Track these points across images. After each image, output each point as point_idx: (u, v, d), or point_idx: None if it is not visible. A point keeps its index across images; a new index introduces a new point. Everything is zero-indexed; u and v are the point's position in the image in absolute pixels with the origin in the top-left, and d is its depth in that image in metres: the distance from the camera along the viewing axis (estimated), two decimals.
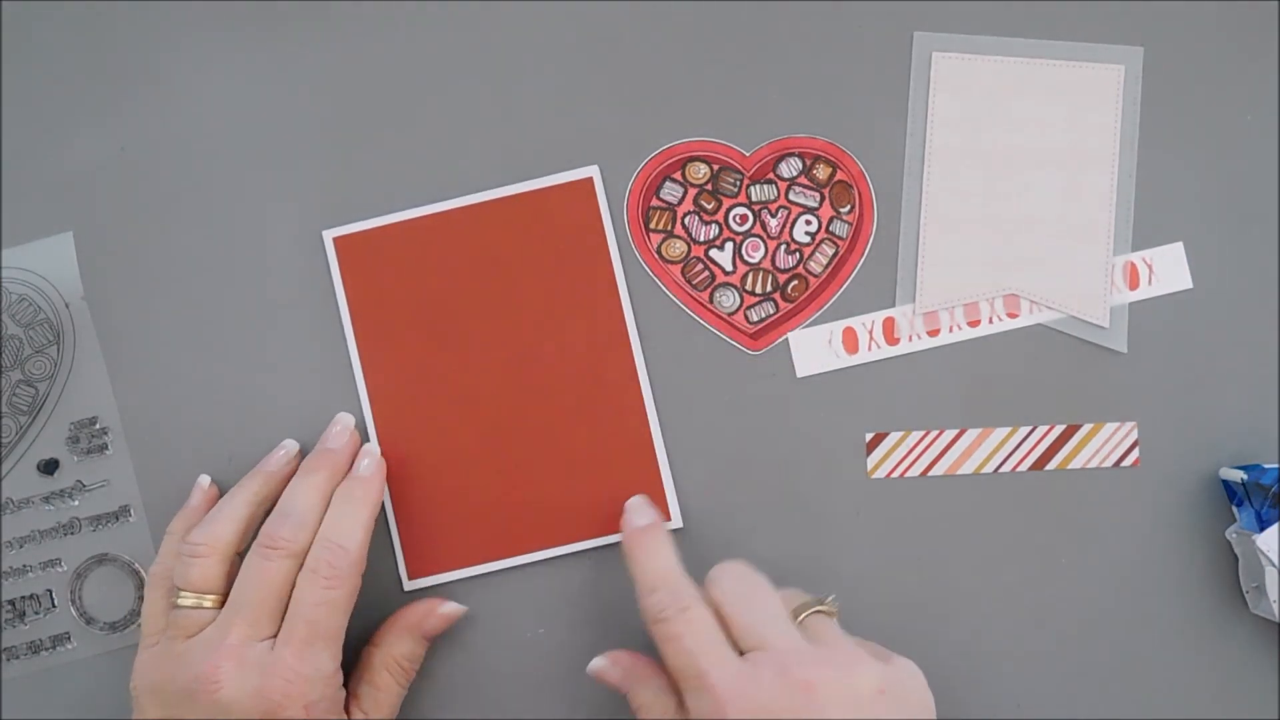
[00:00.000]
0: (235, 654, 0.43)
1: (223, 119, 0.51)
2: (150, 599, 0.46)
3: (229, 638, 0.43)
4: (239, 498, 0.47)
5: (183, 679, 0.43)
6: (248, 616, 0.44)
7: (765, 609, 0.42)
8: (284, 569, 0.44)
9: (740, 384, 0.50)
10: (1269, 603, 0.46)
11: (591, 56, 0.51)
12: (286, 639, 0.44)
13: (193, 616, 0.44)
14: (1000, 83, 0.50)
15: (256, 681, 0.43)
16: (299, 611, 0.44)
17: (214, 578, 0.45)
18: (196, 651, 0.44)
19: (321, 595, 0.44)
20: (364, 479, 0.47)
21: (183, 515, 0.48)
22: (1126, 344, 0.49)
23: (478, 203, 0.50)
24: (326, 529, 0.45)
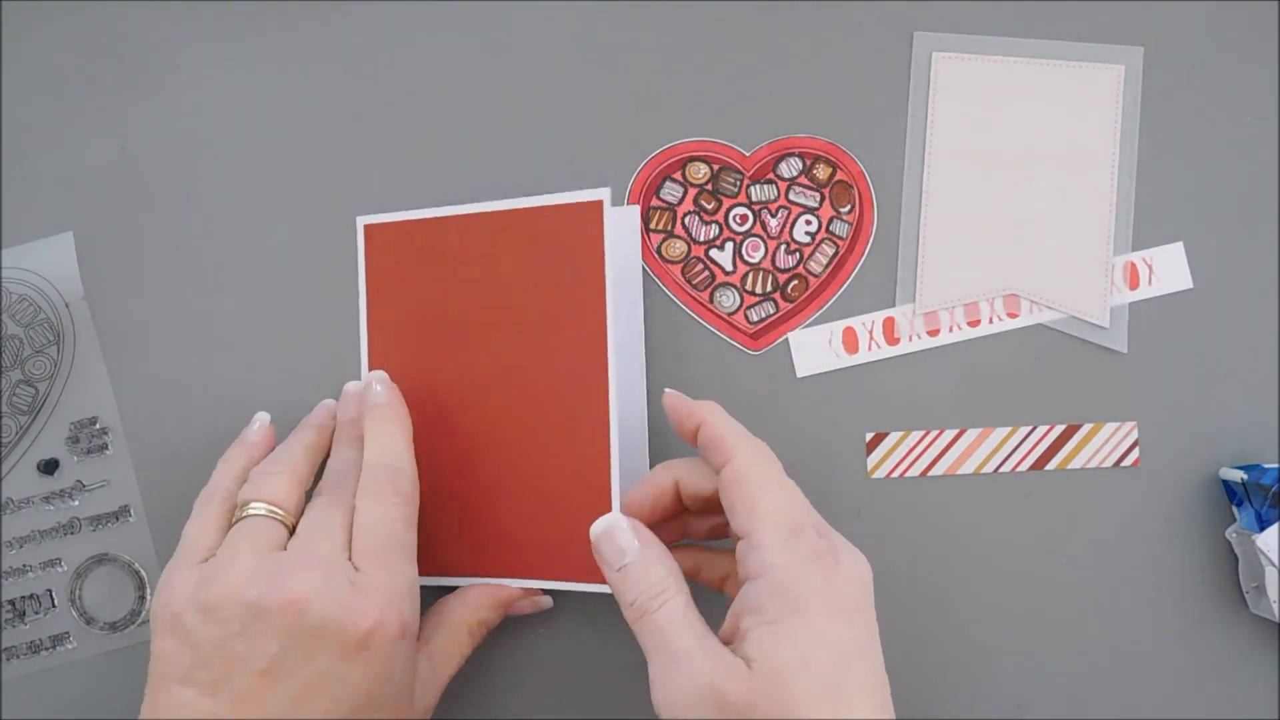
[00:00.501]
0: (323, 566, 0.40)
1: (222, 119, 0.51)
2: (202, 518, 0.43)
3: (316, 555, 0.41)
4: (298, 443, 0.46)
5: (255, 593, 0.40)
6: (330, 536, 0.42)
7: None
8: (349, 513, 0.43)
9: (740, 384, 0.50)
10: (1269, 603, 0.46)
11: (591, 57, 0.51)
12: (368, 559, 0.41)
13: (265, 527, 0.42)
14: (1000, 83, 0.50)
15: (345, 604, 0.40)
16: (372, 530, 0.42)
17: (292, 495, 0.43)
18: (275, 566, 0.40)
19: (392, 511, 0.43)
20: (384, 405, 0.46)
21: (241, 445, 0.47)
22: (1126, 344, 0.49)
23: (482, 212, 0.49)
24: (373, 458, 0.44)
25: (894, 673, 0.45)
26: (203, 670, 0.39)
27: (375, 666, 0.40)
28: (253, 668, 0.39)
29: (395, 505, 0.43)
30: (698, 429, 0.42)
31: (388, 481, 0.44)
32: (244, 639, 0.39)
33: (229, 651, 0.39)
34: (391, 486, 0.44)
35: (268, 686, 0.39)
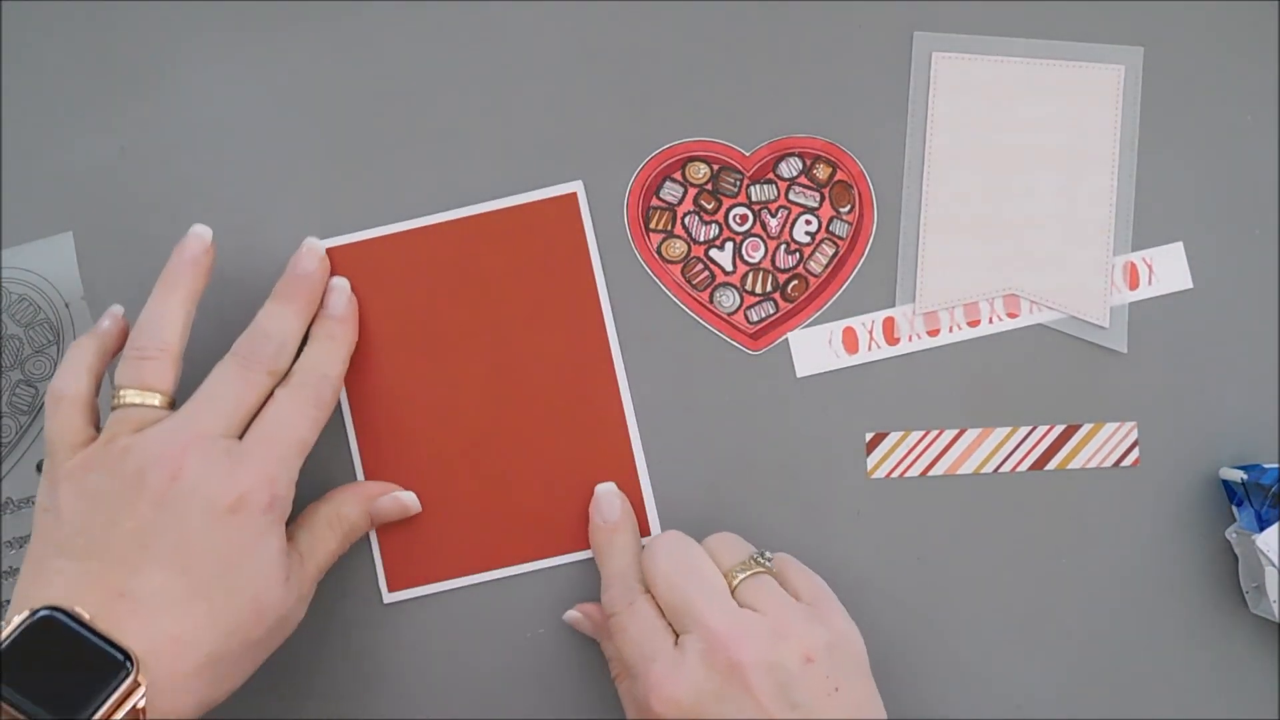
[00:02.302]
0: (203, 440, 0.42)
1: (223, 120, 0.51)
2: (62, 416, 0.43)
3: (198, 426, 0.42)
4: (173, 296, 0.45)
5: (129, 467, 0.41)
6: (219, 413, 0.43)
7: (697, 585, 0.43)
8: (263, 385, 0.44)
9: (740, 384, 0.50)
10: (1269, 603, 0.46)
11: (591, 56, 0.51)
12: (262, 439, 0.43)
13: (141, 413, 0.43)
14: (1000, 83, 0.50)
15: (225, 469, 0.41)
16: (281, 420, 0.44)
17: (168, 378, 0.44)
18: (154, 435, 0.42)
19: (305, 410, 0.44)
20: (342, 318, 0.48)
21: (94, 335, 0.46)
22: (1126, 344, 0.49)
23: (461, 218, 0.50)
24: (311, 359, 0.46)
25: (894, 673, 0.45)
26: (79, 538, 0.41)
27: (242, 533, 0.42)
28: (124, 529, 0.41)
29: (310, 404, 0.45)
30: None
31: (313, 389, 0.45)
32: (119, 505, 0.41)
33: (104, 518, 0.41)
34: (315, 394, 0.45)
35: (137, 547, 0.41)
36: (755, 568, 0.44)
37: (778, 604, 0.43)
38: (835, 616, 0.43)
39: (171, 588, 0.40)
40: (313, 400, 0.45)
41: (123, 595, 0.40)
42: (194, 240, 0.46)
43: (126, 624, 0.39)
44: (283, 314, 0.46)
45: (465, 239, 0.50)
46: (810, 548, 0.48)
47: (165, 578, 0.40)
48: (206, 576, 0.41)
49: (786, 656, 0.41)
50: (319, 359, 0.46)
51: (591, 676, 0.49)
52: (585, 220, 0.50)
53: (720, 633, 0.41)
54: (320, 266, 0.48)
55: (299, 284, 0.47)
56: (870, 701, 0.42)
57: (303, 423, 0.44)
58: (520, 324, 0.49)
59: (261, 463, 0.42)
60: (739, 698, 0.40)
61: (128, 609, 0.40)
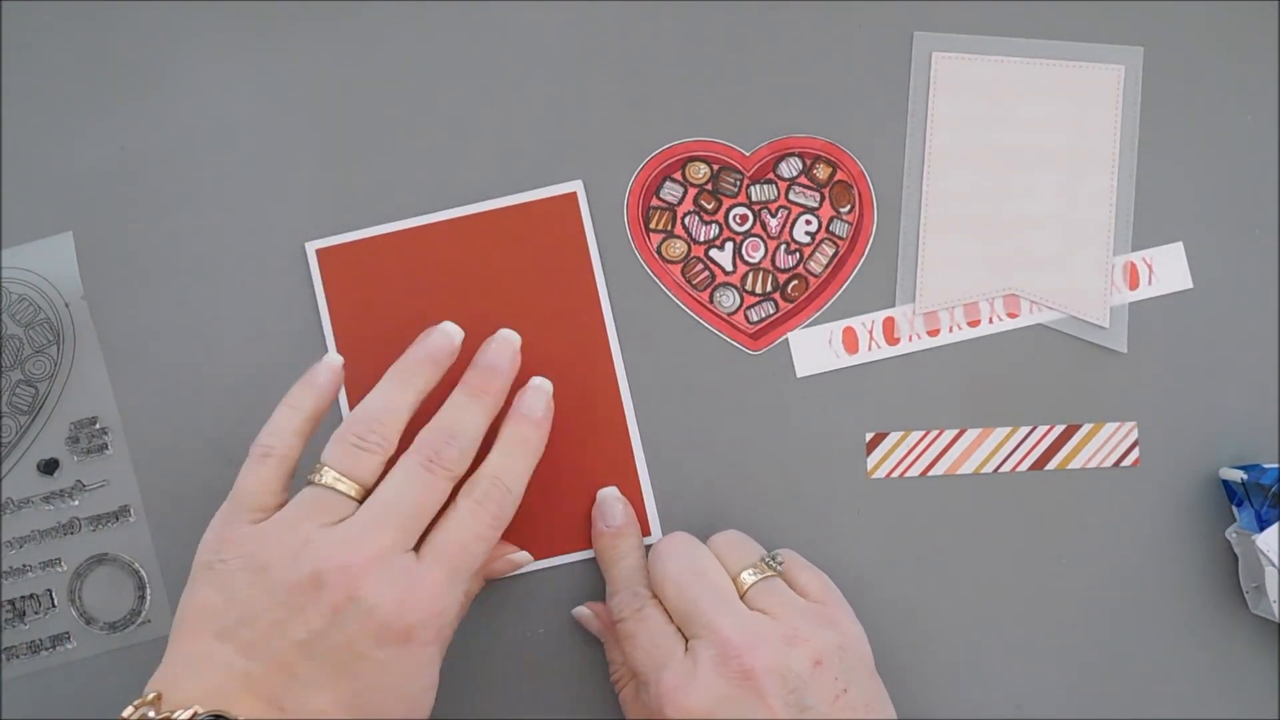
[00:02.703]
0: (384, 557, 0.40)
1: (223, 119, 0.51)
2: (260, 473, 0.42)
3: (381, 540, 0.40)
4: (408, 392, 0.44)
5: (306, 567, 0.40)
6: (402, 524, 0.41)
7: (706, 590, 0.43)
8: (444, 490, 0.42)
9: (740, 384, 0.50)
10: (1269, 603, 0.46)
11: (591, 56, 0.51)
12: (438, 561, 0.41)
13: (333, 501, 0.42)
14: (1000, 83, 0.50)
15: (400, 594, 0.40)
16: (457, 539, 0.42)
17: (375, 473, 0.42)
18: (339, 541, 0.40)
19: (485, 531, 0.42)
20: (537, 422, 0.45)
21: (308, 391, 0.44)
22: (1126, 344, 0.49)
23: (461, 217, 0.50)
24: (497, 468, 0.43)
25: (894, 673, 0.45)
26: (244, 629, 0.40)
27: (408, 662, 0.40)
28: (293, 637, 0.39)
29: (489, 525, 0.43)
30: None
31: (497, 501, 0.43)
32: (291, 608, 0.40)
33: (274, 618, 0.40)
34: (497, 507, 0.43)
35: (302, 658, 0.39)
36: (766, 571, 0.44)
37: (787, 608, 0.43)
38: (843, 618, 0.44)
39: (329, 706, 0.40)
40: (493, 518, 0.43)
41: (281, 709, 0.39)
42: (442, 338, 0.45)
43: None
44: (470, 410, 0.44)
45: (465, 239, 0.50)
46: (810, 548, 0.48)
47: (325, 699, 0.40)
48: (364, 701, 0.40)
49: (797, 661, 0.41)
50: (507, 469, 0.44)
51: (591, 677, 0.49)
52: (585, 220, 0.50)
53: (732, 640, 0.41)
54: (514, 359, 0.46)
55: (491, 378, 0.45)
56: (878, 701, 0.43)
57: (480, 545, 0.42)
58: (520, 324, 0.49)
59: (436, 586, 0.41)
60: (751, 703, 0.40)
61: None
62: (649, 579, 0.45)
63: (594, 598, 0.49)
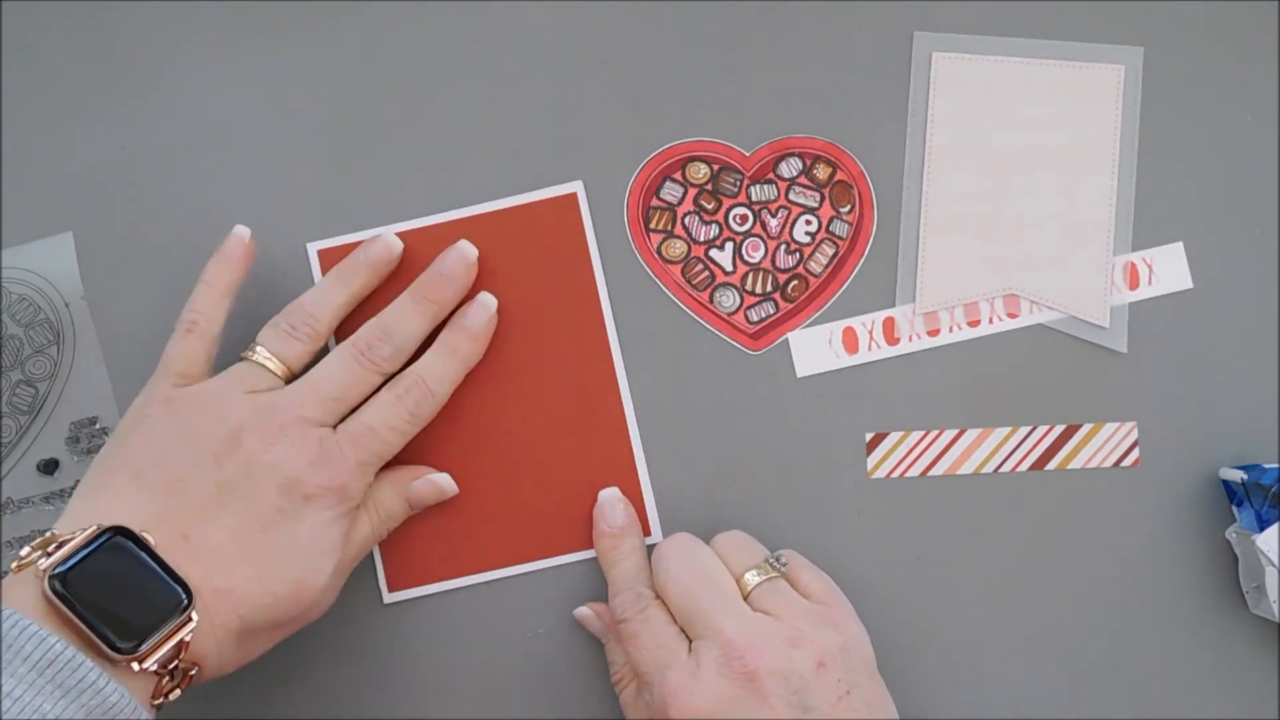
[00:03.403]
0: (301, 425, 0.43)
1: (223, 119, 0.51)
2: (190, 344, 0.45)
3: (302, 410, 0.44)
4: (342, 291, 0.47)
5: (234, 420, 0.43)
6: (324, 403, 0.44)
7: (710, 591, 0.43)
8: (370, 382, 0.45)
9: (740, 384, 0.50)
10: (1269, 603, 0.46)
11: (591, 56, 0.51)
12: (353, 440, 0.44)
13: (260, 377, 0.45)
14: (1000, 83, 0.50)
15: (310, 460, 0.43)
16: (372, 424, 0.45)
17: (302, 359, 0.46)
18: (261, 404, 0.43)
19: (399, 423, 0.45)
20: (472, 334, 0.47)
21: (222, 265, 0.47)
22: (1126, 344, 0.49)
23: (461, 218, 0.50)
24: (423, 369, 0.46)
25: (894, 673, 0.45)
26: (159, 470, 0.42)
27: (307, 521, 0.43)
28: (206, 480, 0.42)
29: (406, 419, 0.45)
30: None
31: (416, 398, 0.46)
32: (209, 457, 0.42)
33: (191, 463, 0.42)
34: (415, 403, 0.46)
35: (212, 499, 0.42)
36: (769, 572, 0.44)
37: (791, 609, 0.43)
38: (846, 619, 0.44)
39: (231, 544, 0.42)
40: (410, 413, 0.45)
41: (186, 538, 0.41)
42: (382, 247, 0.48)
43: (182, 563, 0.40)
44: (411, 315, 0.46)
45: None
46: (810, 548, 0.48)
47: (228, 533, 0.42)
48: (264, 548, 0.42)
49: (800, 663, 0.41)
50: (432, 372, 0.46)
51: (591, 677, 0.49)
52: (585, 220, 0.50)
53: (736, 641, 0.41)
54: (467, 272, 0.48)
55: (440, 285, 0.47)
56: (880, 702, 0.43)
57: (393, 435, 0.45)
58: (520, 324, 0.49)
59: (345, 464, 0.44)
60: (754, 704, 0.40)
61: (186, 550, 0.41)
62: (652, 579, 0.45)
63: (594, 598, 0.49)
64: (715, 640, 0.42)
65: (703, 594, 0.43)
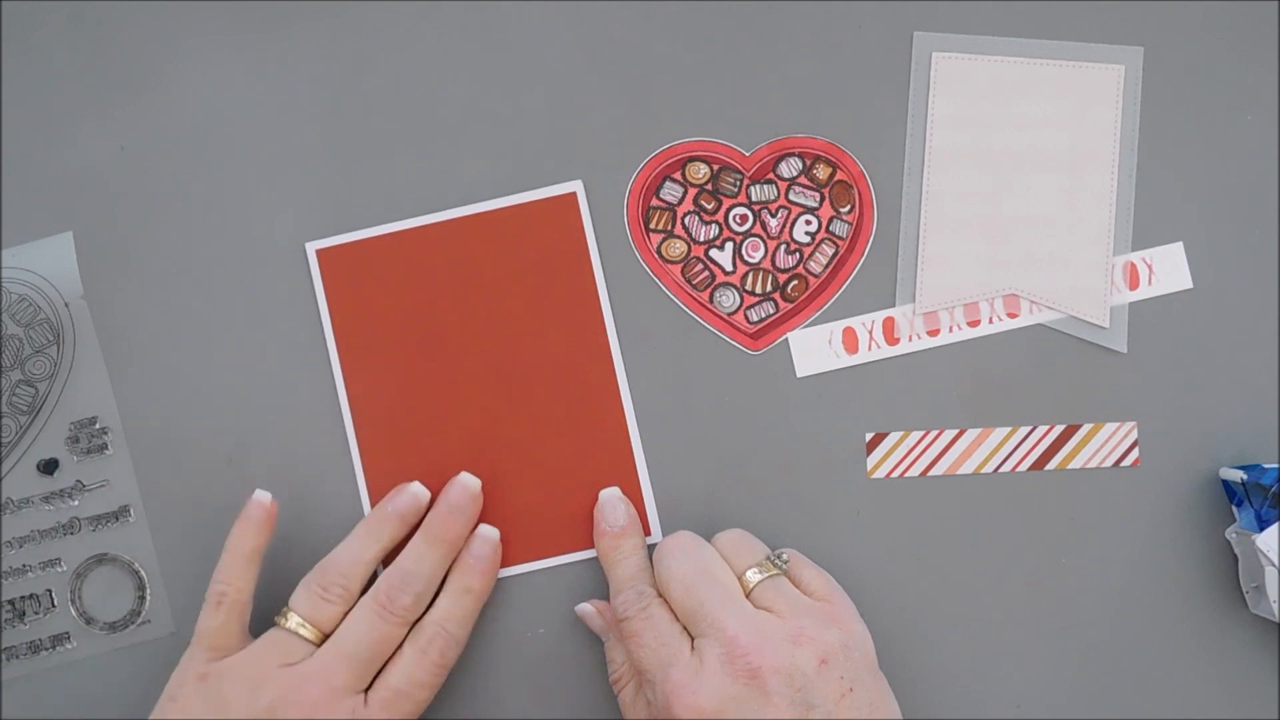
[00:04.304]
0: (334, 698, 0.44)
1: (223, 119, 0.51)
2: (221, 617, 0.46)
3: (335, 681, 0.44)
4: (372, 542, 0.47)
5: (267, 698, 0.43)
6: (354, 669, 0.44)
7: (712, 589, 0.43)
8: (397, 634, 0.46)
9: (740, 384, 0.50)
10: (1269, 603, 0.46)
11: (591, 56, 0.51)
12: (385, 707, 0.45)
13: (294, 645, 0.45)
14: (1000, 83, 0.50)
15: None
16: (403, 688, 0.45)
17: (335, 620, 0.46)
18: (293, 680, 0.44)
19: (427, 678, 0.45)
20: (481, 570, 0.47)
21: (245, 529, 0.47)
22: (1126, 344, 0.49)
23: (461, 218, 0.50)
24: (442, 616, 0.46)
25: (894, 672, 0.45)
26: None
27: None
28: None
29: (432, 673, 0.46)
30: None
31: (440, 649, 0.46)
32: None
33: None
34: (440, 654, 0.46)
35: None
36: (771, 570, 0.44)
37: (793, 607, 0.43)
38: (848, 616, 0.44)
39: None
40: (437, 664, 0.46)
41: None
42: (409, 499, 0.48)
43: None
44: (427, 558, 0.46)
45: (465, 239, 0.50)
46: (810, 548, 0.48)
47: None
48: None
49: (803, 660, 0.41)
50: (451, 616, 0.46)
51: (591, 677, 0.49)
52: (585, 220, 0.50)
53: (739, 639, 0.41)
54: (473, 503, 0.48)
55: (450, 522, 0.47)
56: (882, 700, 0.43)
57: (423, 692, 0.46)
58: (520, 324, 0.49)
59: None
60: (757, 702, 0.41)
61: None
62: (653, 578, 0.45)
63: (595, 597, 0.49)
64: (718, 638, 0.42)
65: (705, 592, 0.43)
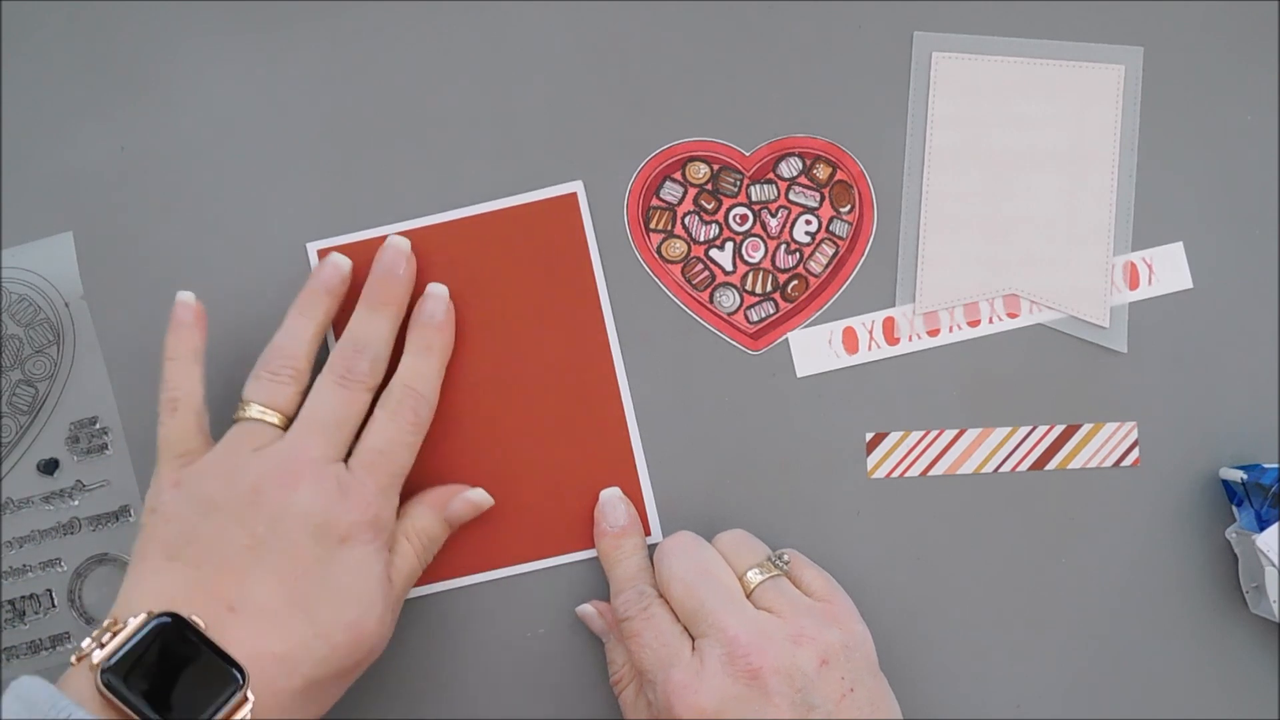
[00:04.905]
0: (315, 466, 0.43)
1: (223, 119, 0.51)
2: (178, 422, 0.45)
3: (312, 452, 0.43)
4: (307, 321, 0.46)
5: (248, 480, 0.43)
6: (328, 437, 0.44)
7: (713, 589, 0.43)
8: (362, 401, 0.45)
9: (740, 384, 0.50)
10: (1269, 603, 0.46)
11: (591, 56, 0.51)
12: (368, 469, 0.44)
13: (260, 431, 0.44)
14: (1000, 83, 0.50)
15: (334, 497, 0.43)
16: (380, 447, 0.45)
17: (294, 401, 0.45)
18: (270, 458, 0.43)
19: (403, 436, 0.45)
20: (438, 325, 0.47)
21: (177, 332, 0.46)
22: (1126, 344, 0.49)
23: (461, 218, 0.50)
24: (408, 376, 0.46)
25: (894, 672, 0.45)
26: (191, 546, 0.42)
27: (349, 562, 0.43)
28: (238, 544, 0.42)
29: (409, 430, 0.45)
30: None
31: (411, 407, 0.46)
32: (233, 520, 0.42)
33: (218, 530, 0.42)
34: (413, 412, 0.46)
35: (248, 562, 0.42)
36: (772, 570, 0.45)
37: (793, 607, 0.43)
38: (848, 616, 0.44)
39: (278, 604, 0.41)
40: (411, 423, 0.45)
41: (232, 608, 0.41)
42: (331, 268, 0.47)
43: (234, 636, 0.40)
44: (374, 322, 0.46)
45: (465, 239, 0.50)
46: (810, 548, 0.48)
47: (273, 592, 0.41)
48: (312, 599, 0.42)
49: (804, 661, 0.41)
50: (416, 374, 0.46)
51: (591, 677, 0.49)
52: (585, 220, 0.50)
53: (740, 639, 0.41)
54: (407, 264, 0.48)
55: (387, 285, 0.47)
56: (883, 700, 0.43)
57: (402, 450, 0.45)
58: (520, 324, 0.49)
59: (367, 493, 0.44)
60: (758, 703, 0.41)
61: (236, 621, 0.41)
62: (654, 578, 0.45)
63: (595, 597, 0.49)
64: (719, 638, 0.42)
65: (706, 592, 0.43)
